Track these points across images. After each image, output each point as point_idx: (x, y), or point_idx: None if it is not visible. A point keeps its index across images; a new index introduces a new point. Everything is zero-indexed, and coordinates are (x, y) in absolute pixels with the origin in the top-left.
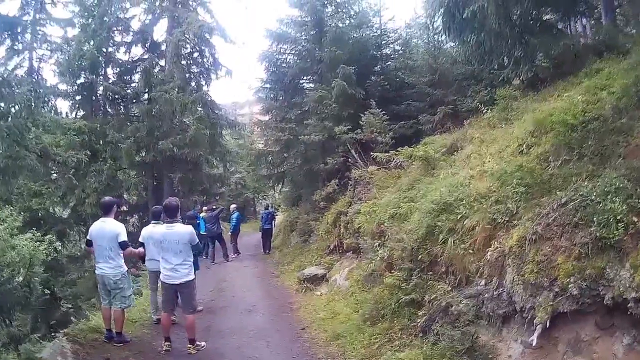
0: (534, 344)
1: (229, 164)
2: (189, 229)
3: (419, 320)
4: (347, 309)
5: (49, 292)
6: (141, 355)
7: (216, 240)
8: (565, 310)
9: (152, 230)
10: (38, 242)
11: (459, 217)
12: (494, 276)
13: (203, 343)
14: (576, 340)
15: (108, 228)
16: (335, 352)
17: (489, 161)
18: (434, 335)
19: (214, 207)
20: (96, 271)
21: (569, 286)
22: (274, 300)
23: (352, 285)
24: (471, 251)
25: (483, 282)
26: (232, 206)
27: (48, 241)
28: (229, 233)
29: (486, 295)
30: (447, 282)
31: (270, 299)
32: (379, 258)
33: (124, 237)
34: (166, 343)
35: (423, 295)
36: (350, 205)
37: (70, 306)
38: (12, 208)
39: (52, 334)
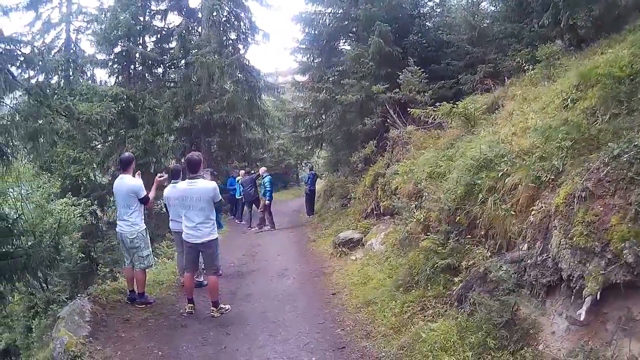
0: (582, 318)
1: (269, 129)
2: (212, 184)
3: (454, 287)
4: (381, 274)
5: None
6: (162, 317)
7: (253, 205)
8: (618, 281)
9: (173, 189)
10: (73, 207)
11: (500, 174)
12: (538, 240)
13: (228, 306)
14: (627, 318)
15: (124, 184)
16: (364, 320)
17: (532, 118)
18: (470, 305)
19: (252, 171)
20: (116, 229)
21: (624, 252)
22: (306, 265)
23: (387, 250)
24: (513, 212)
25: (525, 246)
26: (262, 169)
27: (83, 205)
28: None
29: (529, 261)
30: (487, 246)
31: (303, 263)
32: (415, 220)
33: (142, 192)
34: (189, 305)
35: (460, 260)
36: (388, 167)
37: (107, 270)
38: (49, 175)
39: None
